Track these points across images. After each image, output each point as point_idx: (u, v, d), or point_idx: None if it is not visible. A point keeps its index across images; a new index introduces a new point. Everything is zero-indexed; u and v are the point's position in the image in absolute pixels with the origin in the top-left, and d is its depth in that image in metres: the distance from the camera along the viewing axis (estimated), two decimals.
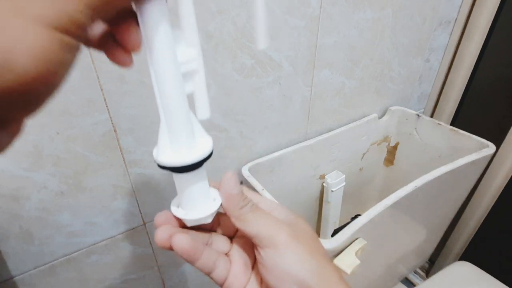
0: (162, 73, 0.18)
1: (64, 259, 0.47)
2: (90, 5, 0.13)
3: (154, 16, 0.17)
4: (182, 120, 0.19)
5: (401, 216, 0.54)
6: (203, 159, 0.20)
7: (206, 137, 0.21)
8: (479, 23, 0.70)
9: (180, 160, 0.19)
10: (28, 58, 0.12)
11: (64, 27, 0.12)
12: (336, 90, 0.63)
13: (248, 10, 0.44)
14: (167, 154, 0.20)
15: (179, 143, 0.19)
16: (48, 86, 0.13)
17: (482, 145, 0.61)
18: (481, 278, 0.72)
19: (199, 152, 0.20)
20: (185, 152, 0.20)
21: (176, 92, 0.19)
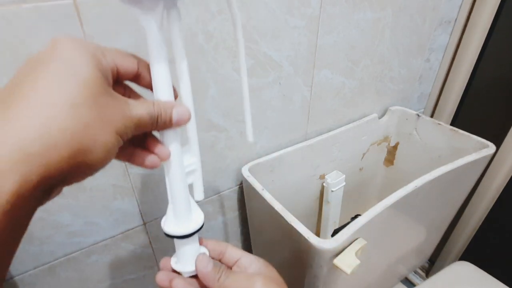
0: (173, 173, 0.27)
1: (64, 259, 0.47)
2: (134, 130, 0.22)
3: (169, 138, 0.26)
4: (184, 205, 0.28)
5: (401, 216, 0.54)
6: (196, 231, 0.28)
7: (199, 213, 0.29)
8: (479, 23, 0.70)
9: (180, 232, 0.28)
10: (101, 152, 0.19)
11: (121, 133, 0.21)
12: (336, 90, 0.63)
13: (248, 10, 0.44)
14: (172, 226, 0.28)
15: (180, 220, 0.28)
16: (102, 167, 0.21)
17: (482, 145, 0.61)
18: (481, 278, 0.72)
19: (193, 225, 0.28)
20: (184, 226, 0.28)
21: (181, 186, 0.27)
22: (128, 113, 0.21)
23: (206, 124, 0.50)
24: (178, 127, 0.26)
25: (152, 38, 0.23)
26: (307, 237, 0.42)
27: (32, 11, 0.32)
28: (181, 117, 0.25)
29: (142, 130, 0.23)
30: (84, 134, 0.18)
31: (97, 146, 0.19)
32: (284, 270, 0.59)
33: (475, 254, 0.87)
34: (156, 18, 0.23)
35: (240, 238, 0.69)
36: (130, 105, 0.21)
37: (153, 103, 0.23)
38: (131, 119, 0.21)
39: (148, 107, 0.23)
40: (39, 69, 0.18)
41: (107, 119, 0.19)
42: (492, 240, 0.85)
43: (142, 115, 0.22)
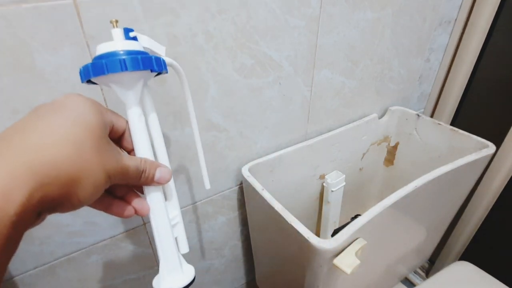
0: (161, 227, 0.29)
1: (64, 259, 0.47)
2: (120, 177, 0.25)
3: (151, 194, 0.29)
4: (176, 260, 0.29)
5: (401, 216, 0.54)
6: (190, 282, 0.29)
7: (189, 266, 0.31)
8: (479, 23, 0.70)
9: (178, 286, 0.29)
10: (91, 187, 0.22)
11: (110, 175, 0.23)
12: (336, 90, 0.63)
13: (248, 10, 0.44)
14: (167, 284, 0.28)
15: (173, 276, 0.29)
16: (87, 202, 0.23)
17: (482, 145, 0.61)
18: (481, 278, 0.72)
19: (187, 278, 0.29)
20: (179, 279, 0.29)
21: (171, 240, 0.29)
22: (120, 161, 0.24)
23: (206, 124, 0.50)
24: (158, 185, 0.29)
25: (132, 111, 0.27)
26: (307, 237, 0.42)
27: (32, 11, 0.32)
28: (163, 177, 0.28)
29: (127, 181, 0.26)
30: (81, 166, 0.21)
31: (88, 180, 0.22)
32: (284, 270, 0.59)
33: (475, 254, 0.87)
34: (136, 93, 0.27)
35: (240, 238, 0.69)
36: (123, 155, 0.25)
37: (141, 160, 0.27)
38: (121, 167, 0.24)
39: (137, 161, 0.26)
40: (53, 113, 0.22)
41: (102, 160, 0.23)
42: (492, 240, 0.85)
43: (130, 166, 0.25)
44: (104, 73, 0.25)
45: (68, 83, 0.37)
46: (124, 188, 0.29)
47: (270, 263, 0.65)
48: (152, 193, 0.29)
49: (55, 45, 0.34)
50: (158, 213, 0.29)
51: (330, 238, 0.41)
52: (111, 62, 0.25)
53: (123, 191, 0.29)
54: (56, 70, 0.35)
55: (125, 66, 0.25)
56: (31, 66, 0.34)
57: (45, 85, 0.36)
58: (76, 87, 0.37)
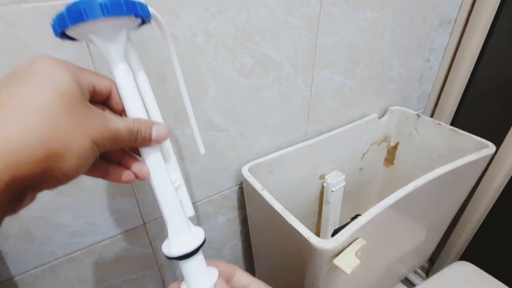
0: (165, 190, 0.27)
1: (64, 259, 0.47)
2: (111, 142, 0.22)
3: (151, 155, 0.26)
4: (182, 222, 0.28)
5: (401, 216, 0.54)
6: (201, 244, 0.28)
7: (198, 228, 0.29)
8: (479, 23, 0.70)
9: (186, 249, 0.27)
10: (74, 158, 0.20)
11: (97, 142, 0.21)
12: (336, 90, 0.63)
13: (248, 10, 0.44)
14: (176, 247, 0.27)
15: (182, 238, 0.27)
16: (77, 176, 0.21)
17: (482, 145, 0.60)
18: (481, 278, 0.72)
19: (197, 240, 0.28)
20: (187, 242, 0.27)
21: (175, 203, 0.27)
22: (107, 124, 0.22)
23: (206, 124, 0.50)
24: (157, 145, 0.26)
25: (118, 67, 0.25)
26: (307, 237, 0.42)
27: (32, 11, 0.32)
28: (160, 135, 0.26)
29: (120, 145, 0.23)
30: (56, 138, 0.18)
31: (70, 152, 0.19)
32: (284, 270, 0.59)
33: (475, 254, 0.87)
34: (120, 45, 0.24)
35: (240, 238, 0.69)
36: (109, 118, 0.22)
37: (133, 120, 0.24)
38: (109, 131, 0.22)
39: (128, 122, 0.24)
40: (16, 80, 0.19)
41: (82, 126, 0.20)
42: (492, 240, 0.85)
43: (120, 129, 0.23)
44: (83, 20, 0.22)
45: None
46: (120, 153, 0.27)
47: (270, 263, 0.65)
48: (151, 154, 0.26)
49: (55, 45, 0.34)
50: (160, 175, 0.26)
51: (330, 238, 0.41)
52: (89, 7, 0.21)
53: (119, 155, 0.27)
54: None
55: (107, 10, 0.22)
56: None
57: None
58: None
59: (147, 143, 0.25)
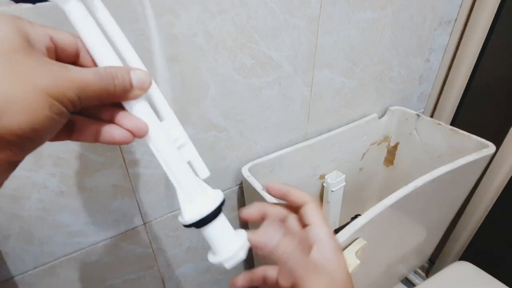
0: (163, 149, 0.23)
1: (64, 259, 0.47)
2: (77, 93, 0.19)
3: (139, 109, 0.22)
4: (192, 183, 0.25)
5: (401, 216, 0.54)
6: (218, 208, 0.25)
7: (215, 191, 0.26)
8: (479, 23, 0.70)
9: (203, 212, 0.24)
10: (21, 113, 0.17)
11: (58, 97, 0.18)
12: (336, 90, 0.63)
13: (248, 10, 0.44)
14: (191, 213, 0.24)
15: (196, 202, 0.24)
16: (36, 134, 0.18)
17: (482, 145, 0.60)
18: (481, 278, 0.72)
19: (213, 203, 0.25)
20: (204, 205, 0.24)
21: (179, 162, 0.24)
22: (65, 74, 0.19)
23: (206, 124, 0.50)
24: (142, 93, 0.23)
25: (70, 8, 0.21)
26: None
27: (32, 11, 0.32)
28: (142, 80, 0.22)
29: (97, 98, 0.20)
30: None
31: (11, 106, 0.16)
32: None
33: (475, 254, 0.87)
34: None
35: None
36: (69, 68, 0.19)
37: (104, 67, 0.21)
38: (70, 80, 0.19)
39: (97, 69, 0.20)
40: None
41: (25, 77, 0.17)
42: (492, 240, 0.85)
43: (87, 77, 0.19)
44: None
45: None
46: (111, 110, 0.23)
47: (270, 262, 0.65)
48: (138, 108, 0.23)
49: None
50: (152, 131, 0.23)
51: None
52: None
53: (111, 113, 0.23)
54: None
55: None
56: None
57: None
58: None
59: (129, 93, 0.22)
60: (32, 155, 0.38)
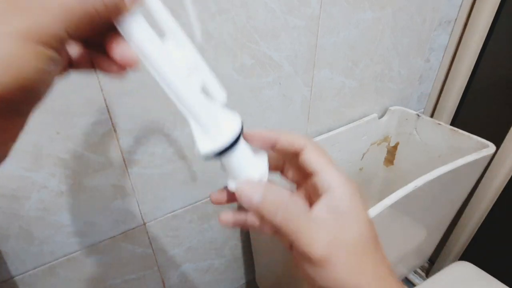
0: (167, 78, 0.20)
1: (64, 259, 0.47)
2: (64, 26, 0.15)
3: (134, 29, 0.18)
4: (203, 108, 0.21)
5: (401, 216, 0.54)
6: (239, 133, 0.22)
7: (232, 115, 0.23)
8: (479, 23, 0.70)
9: (219, 145, 0.21)
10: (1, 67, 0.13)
11: (42, 39, 0.14)
12: (336, 90, 0.63)
13: (248, 10, 0.44)
14: (206, 145, 0.21)
15: (211, 132, 0.21)
16: (28, 93, 0.15)
17: (482, 145, 0.60)
18: (481, 278, 0.71)
19: (233, 129, 0.21)
20: (221, 134, 0.21)
21: (186, 85, 0.20)
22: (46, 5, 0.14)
23: None
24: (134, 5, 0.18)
25: None
26: None
27: None
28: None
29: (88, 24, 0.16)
30: None
31: None
32: (285, 270, 0.59)
33: (475, 254, 0.87)
34: None
35: (240, 238, 0.69)
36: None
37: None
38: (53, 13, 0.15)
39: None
40: None
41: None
42: (492, 240, 0.85)
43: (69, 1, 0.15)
44: None
45: (68, 83, 0.37)
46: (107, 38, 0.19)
47: (270, 262, 0.65)
48: (129, 28, 0.18)
49: None
50: (152, 55, 0.19)
51: None
52: None
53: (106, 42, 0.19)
54: None
55: None
56: None
57: None
58: (77, 87, 0.37)
59: (123, 8, 0.17)
60: (32, 155, 0.38)
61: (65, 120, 0.38)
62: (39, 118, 0.37)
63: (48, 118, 0.37)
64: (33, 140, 0.38)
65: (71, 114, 0.39)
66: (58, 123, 0.38)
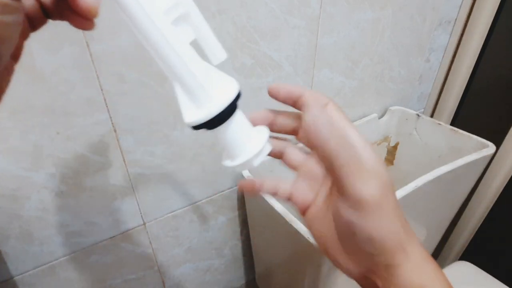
0: (146, 29, 0.16)
1: (64, 259, 0.47)
2: None
3: None
4: (195, 75, 0.17)
5: None
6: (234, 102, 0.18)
7: (228, 80, 0.19)
8: (479, 23, 0.70)
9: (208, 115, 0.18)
10: None
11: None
12: (336, 90, 0.63)
13: (248, 10, 0.44)
14: (194, 114, 0.18)
15: (201, 98, 0.18)
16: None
17: (482, 145, 0.60)
18: (481, 278, 0.71)
19: (227, 97, 0.18)
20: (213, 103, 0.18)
21: (169, 40, 0.16)
22: None
23: None
24: None
25: None
26: (307, 237, 0.42)
27: None
28: None
29: None
30: None
31: None
32: (284, 270, 0.59)
33: (475, 254, 0.87)
34: None
35: (240, 238, 0.69)
36: None
37: None
38: None
39: None
40: None
41: None
42: (492, 240, 0.85)
43: None
44: None
45: (68, 83, 0.37)
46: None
47: (270, 263, 0.65)
48: None
49: (55, 45, 0.34)
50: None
51: None
52: None
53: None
54: (56, 70, 0.35)
55: None
56: (31, 66, 0.34)
57: (44, 85, 0.36)
58: (77, 87, 0.37)
59: None
60: (32, 155, 0.38)
61: (65, 120, 0.38)
62: (39, 118, 0.37)
63: (48, 118, 0.37)
64: (33, 140, 0.38)
65: (71, 114, 0.39)
66: (58, 123, 0.38)
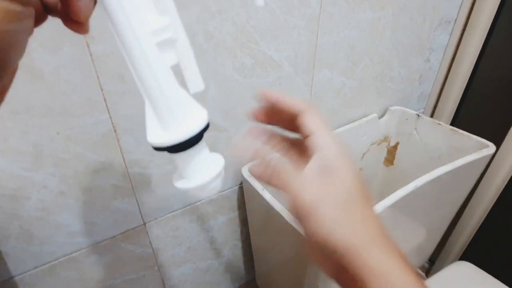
0: (129, 44, 0.16)
1: (64, 259, 0.47)
2: None
3: None
4: (165, 95, 0.18)
5: (401, 216, 0.54)
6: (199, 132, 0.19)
7: (199, 111, 0.20)
8: (479, 23, 0.70)
9: (172, 140, 0.18)
10: None
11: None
12: (336, 90, 0.63)
13: (248, 10, 0.44)
14: (158, 137, 0.18)
15: (168, 122, 0.18)
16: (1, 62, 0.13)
17: (482, 145, 0.60)
18: (481, 278, 0.71)
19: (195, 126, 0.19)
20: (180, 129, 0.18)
21: (150, 61, 0.17)
22: None
23: None
24: None
25: None
26: None
27: None
28: None
29: None
30: None
31: None
32: (284, 270, 0.59)
33: (475, 254, 0.87)
34: None
35: (240, 238, 0.69)
36: None
37: None
38: None
39: None
40: None
41: None
42: (492, 240, 0.85)
43: None
44: None
45: (68, 83, 0.37)
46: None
47: (270, 263, 0.65)
48: None
49: (55, 45, 0.34)
50: (115, 15, 0.16)
51: None
52: None
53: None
54: (55, 70, 0.35)
55: None
56: (31, 66, 0.34)
57: (44, 85, 0.36)
58: (77, 87, 0.37)
59: None
60: (32, 155, 0.38)
61: (65, 120, 0.38)
62: (39, 118, 0.37)
63: (48, 118, 0.37)
64: (33, 140, 0.38)
65: (71, 114, 0.39)
66: (58, 123, 0.38)
